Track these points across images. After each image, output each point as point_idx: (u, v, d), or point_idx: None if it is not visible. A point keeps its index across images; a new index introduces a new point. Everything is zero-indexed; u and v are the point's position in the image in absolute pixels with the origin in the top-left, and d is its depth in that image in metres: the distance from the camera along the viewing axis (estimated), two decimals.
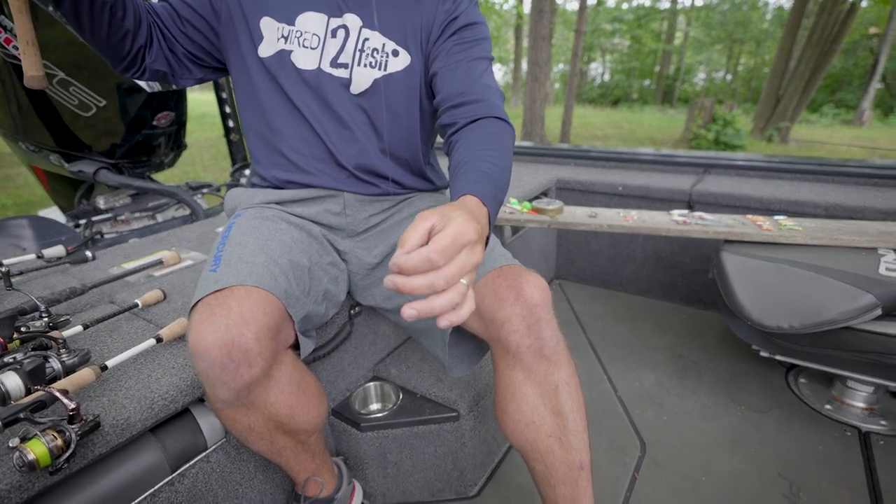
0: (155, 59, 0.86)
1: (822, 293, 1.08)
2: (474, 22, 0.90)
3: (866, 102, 12.93)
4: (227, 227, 0.87)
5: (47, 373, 0.71)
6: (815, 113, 15.12)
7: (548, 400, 0.76)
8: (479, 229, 0.50)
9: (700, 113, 8.09)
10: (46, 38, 1.54)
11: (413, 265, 0.44)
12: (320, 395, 0.84)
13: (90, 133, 1.73)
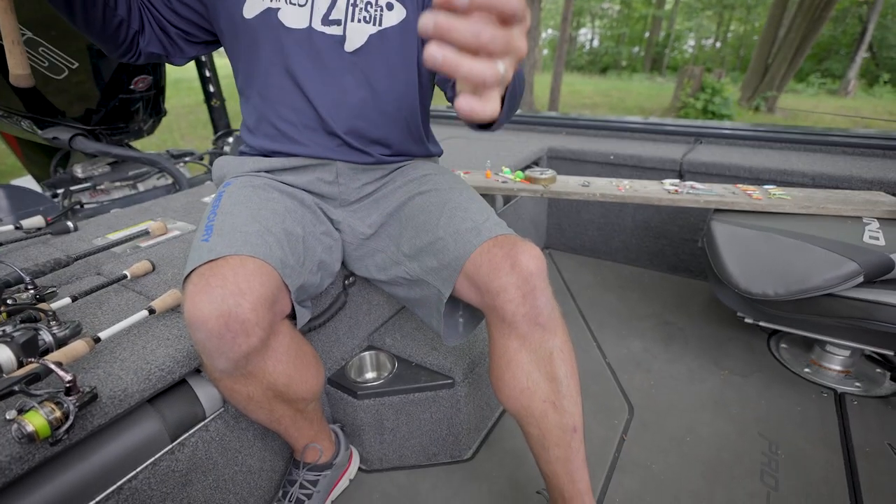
0: (149, 43, 0.84)
1: (807, 261, 1.10)
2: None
3: (852, 72, 12.97)
4: (216, 197, 0.85)
5: (39, 345, 0.70)
6: (802, 83, 15.14)
7: (542, 366, 0.77)
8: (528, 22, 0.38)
9: (689, 81, 8.04)
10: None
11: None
12: (317, 363, 0.85)
13: (63, 97, 1.65)
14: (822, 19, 8.01)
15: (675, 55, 22.48)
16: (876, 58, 15.92)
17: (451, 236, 0.80)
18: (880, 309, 1.07)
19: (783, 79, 8.66)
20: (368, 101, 0.89)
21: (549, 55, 21.76)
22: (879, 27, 14.56)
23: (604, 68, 22.30)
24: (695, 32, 22.32)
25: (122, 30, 0.79)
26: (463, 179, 0.98)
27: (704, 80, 7.99)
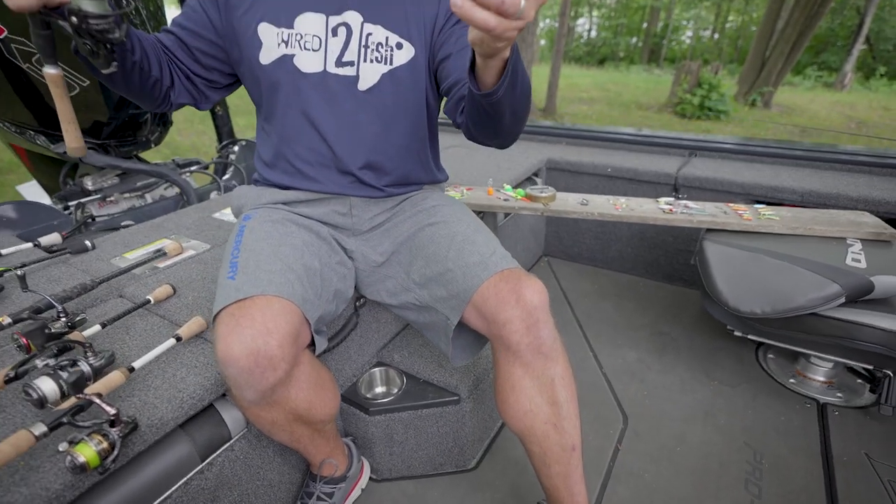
0: (178, 95, 0.91)
1: (793, 282, 1.17)
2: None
3: (849, 65, 13.01)
4: (238, 231, 0.90)
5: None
6: (799, 75, 15.17)
7: (545, 392, 0.83)
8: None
9: (686, 77, 8.07)
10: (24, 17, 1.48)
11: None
12: (333, 387, 0.91)
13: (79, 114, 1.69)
14: (819, 14, 8.04)
15: (673, 46, 22.43)
16: (873, 50, 15.95)
17: (460, 269, 0.86)
18: (860, 329, 1.14)
19: (779, 74, 8.70)
20: (381, 136, 0.94)
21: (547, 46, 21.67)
22: (877, 19, 14.58)
23: (601, 59, 22.25)
24: (693, 22, 22.26)
25: (156, 88, 0.85)
26: (468, 209, 1.04)
27: (702, 75, 8.03)
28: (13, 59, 1.52)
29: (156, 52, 0.83)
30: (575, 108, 8.70)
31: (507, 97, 0.67)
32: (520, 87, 0.69)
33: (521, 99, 0.72)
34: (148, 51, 0.81)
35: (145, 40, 0.81)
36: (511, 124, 0.78)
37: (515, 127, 0.80)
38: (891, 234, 1.25)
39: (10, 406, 0.76)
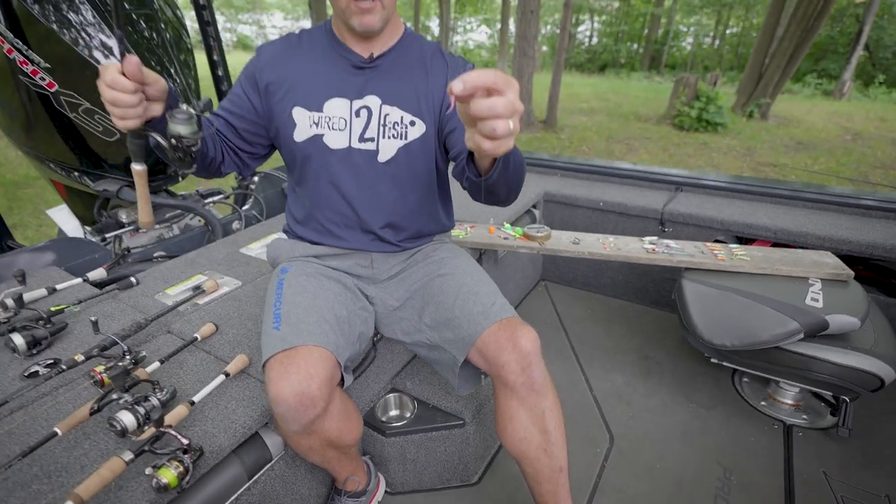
0: (227, 167, 1.07)
1: (758, 319, 1.33)
2: None
3: (847, 73, 13.17)
4: (277, 283, 1.06)
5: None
6: (799, 83, 15.33)
7: (537, 422, 0.99)
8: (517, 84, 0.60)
9: (684, 89, 8.23)
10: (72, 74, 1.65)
11: (474, 77, 0.55)
12: (358, 416, 1.07)
13: (114, 155, 1.86)
14: (815, 27, 8.20)
15: (673, 52, 22.63)
16: (872, 57, 16.11)
17: (466, 317, 1.02)
18: (817, 362, 1.29)
19: (777, 86, 8.86)
20: (398, 200, 1.11)
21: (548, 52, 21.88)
22: (875, 27, 14.74)
23: (602, 66, 22.43)
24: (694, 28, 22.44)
25: (212, 166, 1.01)
26: (472, 259, 1.20)
27: (699, 88, 8.18)
28: (62, 109, 1.69)
29: (213, 139, 1.00)
30: (575, 120, 8.87)
31: (502, 178, 0.83)
32: (513, 167, 0.85)
33: (515, 176, 0.87)
34: (208, 141, 0.97)
35: (207, 132, 0.98)
36: (507, 195, 0.94)
37: (511, 196, 0.95)
38: (847, 275, 1.41)
39: (94, 434, 0.92)
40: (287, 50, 1.06)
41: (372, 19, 0.95)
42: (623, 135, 7.94)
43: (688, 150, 7.15)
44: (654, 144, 7.40)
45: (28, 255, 1.65)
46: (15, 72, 1.63)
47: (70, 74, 1.64)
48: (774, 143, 7.54)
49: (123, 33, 0.79)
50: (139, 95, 0.77)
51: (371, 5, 0.93)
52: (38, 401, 1.02)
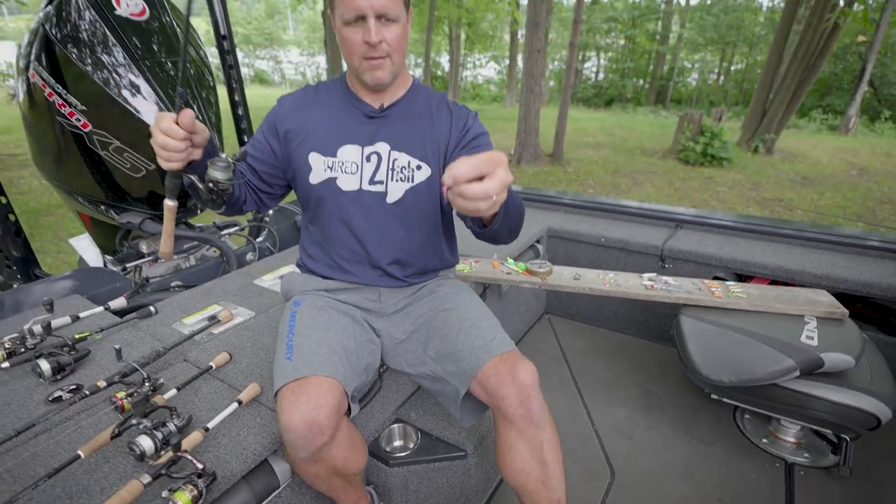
0: (248, 206, 1.16)
1: (755, 355, 1.36)
2: (481, 133, 1.17)
3: (853, 109, 13.32)
4: (290, 316, 1.13)
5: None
6: (804, 118, 15.51)
7: (535, 454, 1.02)
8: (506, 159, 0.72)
9: (689, 125, 8.38)
10: (104, 114, 1.77)
11: (465, 170, 0.66)
12: (363, 446, 1.11)
13: (138, 189, 1.97)
14: (816, 67, 8.38)
15: (679, 88, 23.06)
16: (878, 93, 16.31)
17: (468, 351, 1.07)
18: (813, 400, 1.32)
19: (780, 122, 8.99)
20: (405, 238, 1.18)
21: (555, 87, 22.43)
22: (879, 65, 14.99)
23: (609, 101, 22.87)
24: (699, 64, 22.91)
25: (236, 205, 1.11)
26: (475, 294, 1.26)
27: (704, 124, 8.34)
28: (94, 147, 1.81)
29: (241, 184, 1.09)
30: (581, 154, 9.04)
31: (503, 226, 0.90)
32: (513, 212, 0.92)
33: (515, 220, 0.94)
34: (239, 186, 1.06)
35: (239, 179, 1.07)
36: (508, 237, 1.01)
37: (512, 236, 1.03)
38: (842, 313, 1.44)
39: (113, 458, 0.97)
40: (305, 101, 1.16)
41: (382, 74, 1.05)
42: (629, 169, 8.06)
43: (693, 185, 7.23)
44: (660, 178, 7.50)
45: (54, 284, 1.73)
46: (52, 112, 1.76)
47: (102, 114, 1.76)
48: (780, 177, 7.61)
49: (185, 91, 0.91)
50: (186, 143, 0.87)
51: (381, 62, 1.03)
52: (61, 425, 1.07)
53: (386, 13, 0.97)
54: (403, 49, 1.06)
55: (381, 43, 1.00)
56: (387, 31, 0.99)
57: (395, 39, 1.01)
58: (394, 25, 1.00)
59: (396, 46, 1.03)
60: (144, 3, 1.82)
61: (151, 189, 1.97)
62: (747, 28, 19.70)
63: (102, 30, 1.72)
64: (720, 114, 10.07)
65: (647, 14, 20.84)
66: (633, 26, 21.33)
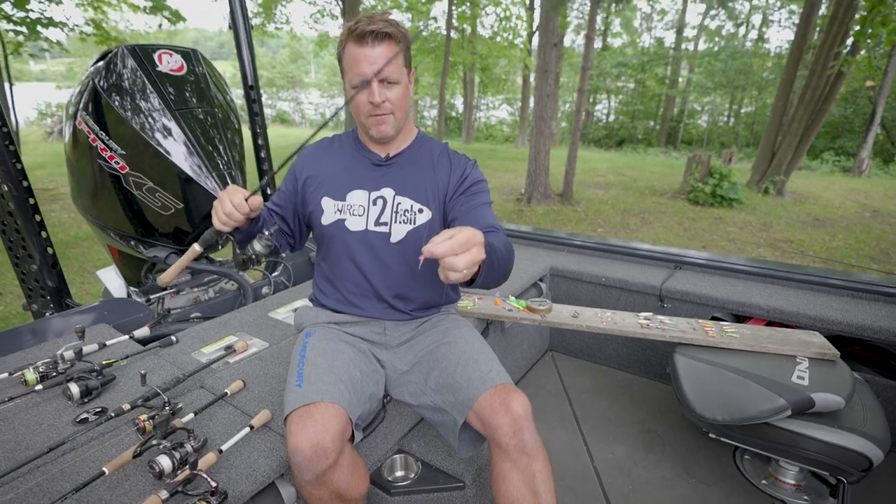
0: (283, 249, 1.31)
1: (747, 394, 1.40)
2: (478, 180, 1.28)
3: (865, 151, 13.36)
4: (302, 346, 1.21)
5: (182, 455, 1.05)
6: (816, 159, 15.57)
7: (528, 484, 1.07)
8: (483, 239, 0.82)
9: (697, 167, 8.50)
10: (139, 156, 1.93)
11: (443, 251, 0.76)
12: (365, 472, 1.17)
13: (164, 226, 2.11)
14: (824, 110, 8.52)
15: (690, 129, 23.39)
16: (890, 136, 16.36)
17: (465, 382, 1.14)
18: (804, 440, 1.34)
19: (790, 164, 9.07)
20: (408, 275, 1.27)
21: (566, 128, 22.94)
22: (889, 108, 15.12)
23: (620, 141, 23.23)
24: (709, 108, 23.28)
25: (275, 254, 1.23)
26: (475, 329, 1.33)
27: (712, 165, 8.45)
28: (129, 187, 1.96)
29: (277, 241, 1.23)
30: (591, 193, 9.18)
31: (489, 278, 0.99)
32: (497, 266, 0.99)
33: (500, 270, 1.02)
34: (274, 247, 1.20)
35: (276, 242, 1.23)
36: (497, 283, 1.09)
37: (500, 282, 1.10)
38: (833, 354, 1.48)
39: (134, 475, 1.05)
40: (322, 151, 1.30)
41: (386, 128, 1.18)
42: (638, 208, 8.15)
43: (703, 225, 7.28)
44: (670, 218, 7.57)
45: (84, 313, 1.85)
46: (94, 155, 1.93)
47: (138, 156, 1.93)
48: (791, 218, 7.62)
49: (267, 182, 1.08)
50: (246, 218, 1.02)
51: (385, 118, 1.17)
52: (86, 444, 1.16)
53: (387, 77, 1.11)
54: (405, 106, 1.19)
55: (384, 102, 1.13)
56: (389, 92, 1.13)
57: (397, 98, 1.15)
58: (395, 87, 1.14)
59: (398, 104, 1.16)
60: (182, 59, 2.02)
61: (177, 225, 2.11)
62: (756, 73, 20.11)
63: (143, 81, 1.91)
64: (730, 155, 10.19)
65: (656, 60, 21.46)
66: (643, 71, 21.92)
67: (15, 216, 1.82)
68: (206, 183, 1.95)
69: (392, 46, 1.09)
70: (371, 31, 1.07)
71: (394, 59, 1.09)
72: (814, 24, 9.65)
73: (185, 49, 2.07)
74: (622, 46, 22.76)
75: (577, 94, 8.44)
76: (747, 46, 20.35)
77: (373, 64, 1.08)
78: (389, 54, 1.09)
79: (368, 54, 1.08)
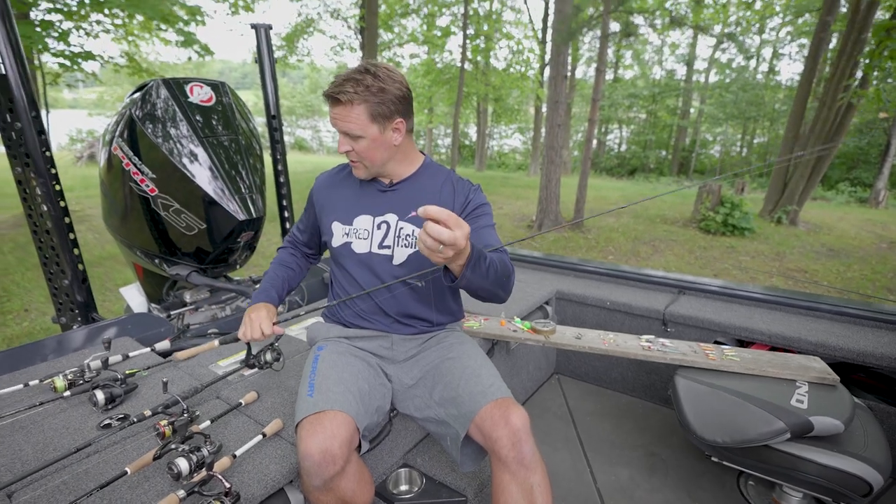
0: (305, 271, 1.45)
1: (746, 417, 1.42)
2: (482, 203, 1.36)
3: (881, 182, 13.25)
4: (314, 358, 1.28)
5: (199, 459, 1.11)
6: (832, 190, 15.46)
7: (526, 496, 1.11)
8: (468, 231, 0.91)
9: (708, 196, 8.53)
10: (167, 180, 2.06)
11: (434, 212, 0.85)
12: (370, 482, 1.21)
13: (188, 246, 2.23)
14: (835, 142, 8.54)
15: (702, 159, 23.43)
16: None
17: (468, 395, 1.19)
18: (804, 463, 1.36)
19: (802, 194, 9.05)
20: (411, 295, 1.35)
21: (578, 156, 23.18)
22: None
23: (632, 171, 23.34)
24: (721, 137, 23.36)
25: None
26: (478, 346, 1.39)
27: (723, 195, 8.47)
28: (157, 208, 2.09)
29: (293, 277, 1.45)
30: (602, 222, 9.23)
31: (476, 283, 1.06)
32: (488, 273, 1.07)
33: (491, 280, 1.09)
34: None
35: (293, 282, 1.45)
36: (491, 295, 1.16)
37: (498, 296, 1.18)
38: (833, 379, 1.50)
39: (153, 477, 1.11)
40: (334, 178, 1.42)
41: (359, 172, 1.32)
42: (649, 236, 8.16)
43: (714, 254, 7.25)
44: (681, 247, 7.56)
45: (109, 326, 1.95)
46: (126, 178, 2.06)
47: (166, 180, 2.05)
48: (804, 248, 7.56)
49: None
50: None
51: (356, 164, 1.30)
52: (109, 447, 1.23)
53: (349, 132, 1.23)
54: (375, 156, 1.27)
55: (350, 151, 1.26)
56: (355, 144, 1.25)
57: (362, 150, 1.25)
58: (360, 139, 1.24)
59: (364, 155, 1.26)
60: (212, 91, 2.17)
61: (199, 245, 2.22)
62: (767, 104, 20.24)
63: (174, 110, 2.06)
64: (742, 185, 10.21)
65: (666, 91, 21.76)
66: (654, 102, 22.20)
67: (52, 234, 1.95)
68: (227, 205, 2.06)
69: (352, 107, 1.19)
70: (333, 93, 1.19)
71: (353, 117, 1.20)
72: (823, 57, 9.79)
73: (215, 81, 2.23)
74: (633, 78, 23.15)
75: (588, 124, 8.60)
76: (758, 78, 20.54)
77: (336, 120, 1.23)
78: (347, 113, 1.20)
79: (332, 112, 1.23)
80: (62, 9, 6.37)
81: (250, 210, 2.09)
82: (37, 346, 1.72)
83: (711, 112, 21.51)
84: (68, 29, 6.72)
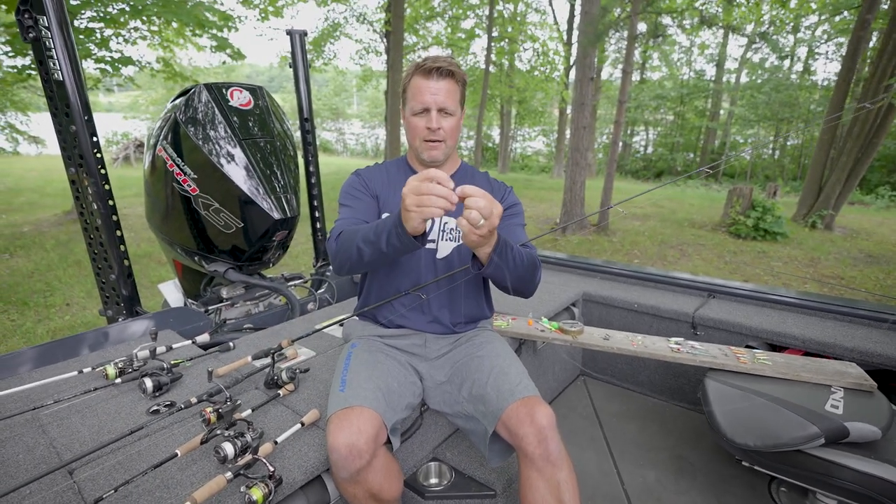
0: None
1: (778, 421, 1.41)
2: (515, 203, 1.40)
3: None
4: (347, 355, 1.33)
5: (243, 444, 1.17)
6: (871, 194, 14.87)
7: (553, 492, 1.13)
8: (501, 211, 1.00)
9: (738, 200, 8.33)
10: (207, 179, 2.14)
11: (472, 191, 0.95)
12: (399, 476, 1.25)
13: (225, 244, 2.32)
14: (874, 145, 8.23)
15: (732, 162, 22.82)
16: None
17: (496, 392, 1.22)
18: (839, 469, 1.34)
19: (839, 198, 8.74)
20: (454, 288, 1.39)
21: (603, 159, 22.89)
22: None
23: (658, 173, 22.90)
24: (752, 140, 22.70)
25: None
26: (507, 344, 1.42)
27: (755, 198, 8.26)
28: (197, 207, 2.18)
29: None
30: (628, 224, 9.11)
31: (499, 272, 1.10)
32: (517, 263, 1.12)
33: (518, 270, 1.14)
34: None
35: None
36: (516, 284, 1.19)
37: (523, 289, 1.23)
38: (871, 385, 1.47)
39: (200, 459, 1.18)
40: (377, 173, 1.45)
41: (437, 153, 1.32)
42: (676, 240, 8.02)
43: (745, 258, 7.08)
44: (709, 251, 7.41)
45: (153, 319, 2.05)
46: (169, 178, 2.16)
47: (206, 180, 2.14)
48: (840, 254, 7.30)
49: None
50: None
51: (437, 144, 1.31)
52: (158, 432, 1.30)
53: (445, 108, 1.27)
54: (455, 137, 1.34)
55: (439, 129, 1.28)
56: (444, 121, 1.28)
57: (450, 128, 1.29)
58: (450, 118, 1.29)
59: (450, 134, 1.30)
60: (250, 95, 2.26)
61: (234, 244, 2.31)
62: (802, 105, 19.58)
63: (214, 113, 2.15)
64: (774, 188, 9.93)
65: (695, 92, 21.29)
66: (682, 103, 21.76)
67: (101, 231, 2.06)
68: (262, 203, 2.14)
69: (452, 83, 1.27)
70: (437, 67, 1.25)
71: (452, 93, 1.26)
72: (863, 56, 9.45)
73: (253, 86, 2.32)
74: (661, 79, 22.74)
75: (614, 126, 8.51)
76: (793, 79, 19.90)
77: (434, 95, 1.26)
78: (449, 88, 1.26)
79: (432, 86, 1.26)
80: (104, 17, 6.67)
81: (285, 209, 2.17)
82: (88, 335, 1.82)
83: (742, 114, 20.94)
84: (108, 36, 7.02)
